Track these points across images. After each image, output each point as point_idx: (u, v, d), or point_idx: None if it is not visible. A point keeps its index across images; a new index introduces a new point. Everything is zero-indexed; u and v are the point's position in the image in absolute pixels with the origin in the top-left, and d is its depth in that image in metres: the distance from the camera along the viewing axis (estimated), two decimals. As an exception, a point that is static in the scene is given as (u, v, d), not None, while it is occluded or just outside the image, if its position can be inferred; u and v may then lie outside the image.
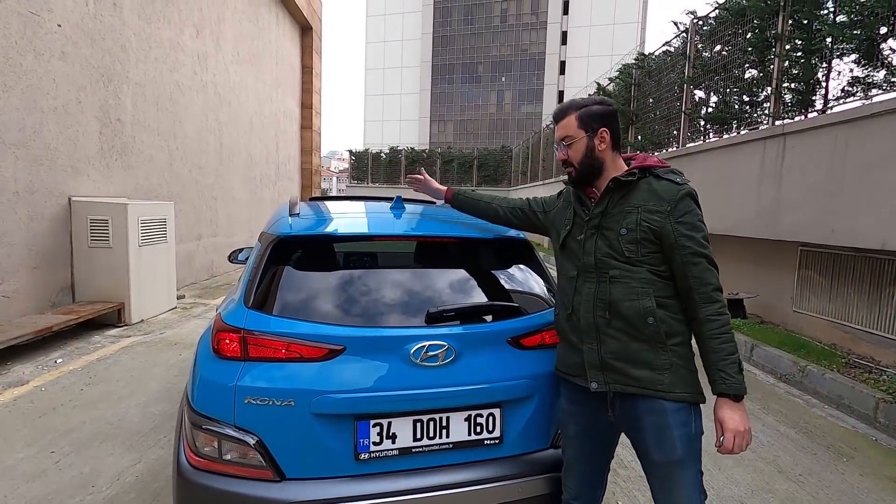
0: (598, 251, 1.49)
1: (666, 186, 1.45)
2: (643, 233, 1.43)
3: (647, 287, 1.42)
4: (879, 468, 3.02)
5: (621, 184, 1.48)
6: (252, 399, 1.53)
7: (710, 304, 1.38)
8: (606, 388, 1.47)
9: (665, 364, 1.41)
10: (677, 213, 1.41)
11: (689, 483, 1.43)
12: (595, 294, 1.48)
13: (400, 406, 1.60)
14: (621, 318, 1.44)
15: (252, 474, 1.53)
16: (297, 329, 1.59)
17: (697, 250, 1.40)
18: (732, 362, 1.35)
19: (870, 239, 4.19)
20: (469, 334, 1.70)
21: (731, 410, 1.36)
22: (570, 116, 1.54)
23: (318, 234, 1.84)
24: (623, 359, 1.45)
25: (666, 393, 1.41)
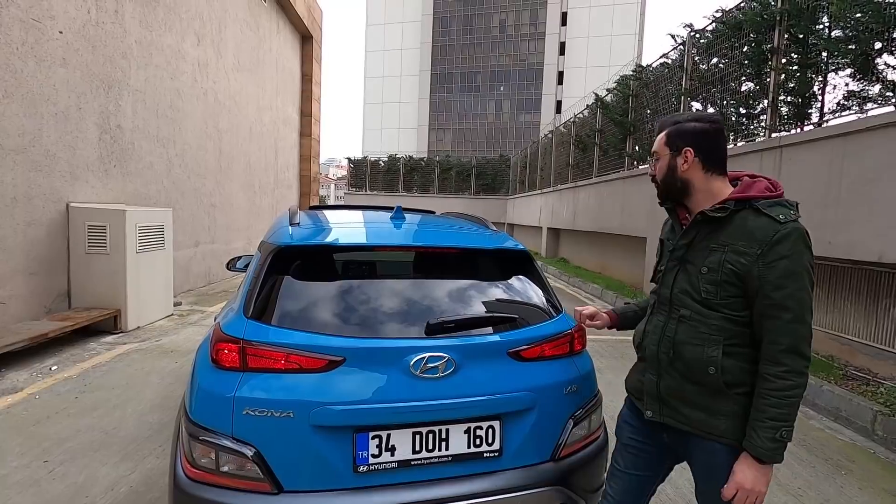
0: (677, 286, 1.42)
1: (762, 225, 1.27)
2: (725, 275, 1.31)
3: (717, 335, 1.33)
4: (878, 481, 3.01)
5: (709, 218, 1.35)
6: (250, 410, 1.52)
7: (774, 364, 1.27)
8: (660, 419, 1.45)
9: (724, 410, 1.34)
10: (769, 258, 1.25)
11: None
12: (663, 329, 1.44)
13: (399, 418, 1.59)
14: (683, 360, 1.37)
15: (249, 486, 1.52)
16: (296, 340, 1.59)
17: (780, 303, 1.25)
18: (769, 428, 1.25)
19: (866, 251, 4.22)
20: (469, 346, 1.69)
21: (748, 468, 1.28)
22: (663, 132, 1.46)
23: (319, 244, 1.84)
24: (679, 397, 1.40)
25: (719, 437, 1.35)
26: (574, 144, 13.27)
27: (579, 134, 13.08)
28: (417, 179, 26.45)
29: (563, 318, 1.97)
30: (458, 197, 25.13)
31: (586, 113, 12.80)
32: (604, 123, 11.23)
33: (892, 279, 4.41)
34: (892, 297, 4.40)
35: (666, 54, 8.52)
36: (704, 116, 1.42)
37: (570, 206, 13.36)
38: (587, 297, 9.61)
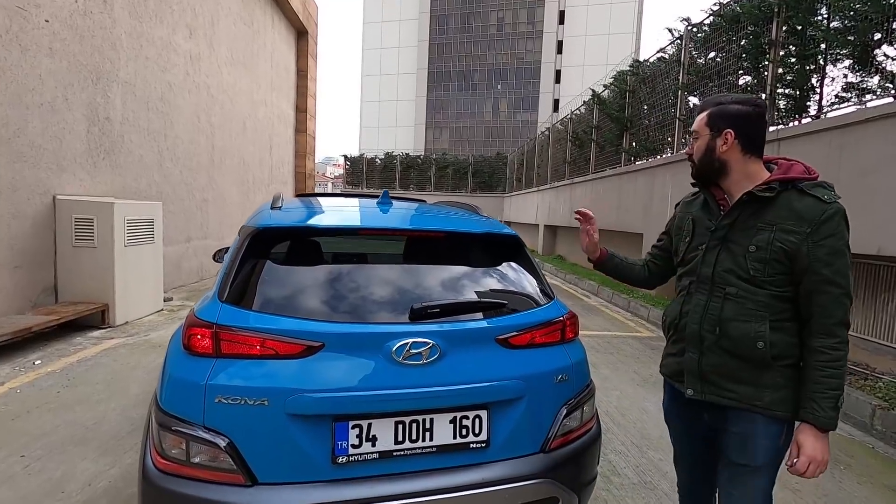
0: (720, 265, 1.44)
1: (810, 204, 1.33)
2: (774, 253, 1.35)
3: (764, 310, 1.37)
4: (878, 476, 2.95)
5: (756, 198, 1.38)
6: (223, 398, 1.44)
7: (829, 337, 1.32)
8: (702, 398, 1.47)
9: (769, 383, 1.38)
10: (818, 236, 1.30)
11: (760, 486, 1.42)
12: (706, 307, 1.45)
13: (381, 406, 1.51)
14: (729, 337, 1.40)
15: (222, 478, 1.43)
16: (273, 324, 1.51)
17: (831, 278, 1.31)
18: (830, 398, 1.31)
19: (865, 244, 4.15)
20: (455, 332, 1.62)
21: (815, 439, 1.33)
22: (705, 112, 1.48)
23: (299, 225, 1.76)
24: (723, 373, 1.43)
25: (764, 409, 1.39)
26: (571, 141, 13.21)
27: (576, 130, 13.01)
28: (414, 177, 26.38)
29: (554, 306, 1.89)
30: (455, 194, 25.05)
31: (583, 109, 12.74)
32: (600, 119, 11.17)
33: (890, 273, 4.35)
34: (890, 291, 4.34)
35: (663, 49, 8.46)
36: (749, 100, 1.45)
37: (566, 203, 13.30)
38: (583, 293, 9.55)
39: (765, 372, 1.38)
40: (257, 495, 1.42)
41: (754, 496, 1.42)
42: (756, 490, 1.42)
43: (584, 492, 1.81)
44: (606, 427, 3.46)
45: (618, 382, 4.37)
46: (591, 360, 5.04)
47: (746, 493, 1.43)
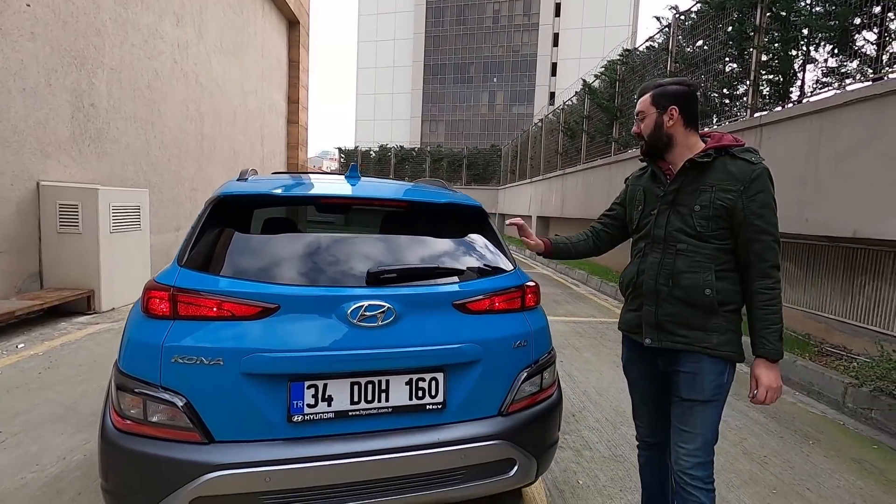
0: (670, 225, 1.61)
1: (741, 166, 1.53)
2: (716, 210, 1.53)
3: (710, 262, 1.55)
4: (845, 450, 3.01)
5: (696, 164, 1.57)
6: (179, 358, 1.47)
7: (766, 278, 1.52)
8: (659, 345, 1.63)
9: (715, 327, 1.56)
10: (750, 192, 1.50)
11: (708, 417, 1.59)
12: (660, 264, 1.62)
13: (336, 367, 1.54)
14: (681, 287, 1.57)
15: (179, 436, 1.47)
16: (229, 287, 1.54)
17: (764, 228, 1.50)
18: (775, 331, 1.51)
19: (841, 227, 4.20)
20: (411, 296, 1.64)
21: (768, 370, 1.53)
22: (647, 94, 1.66)
23: (258, 193, 1.78)
24: (677, 321, 1.59)
25: (711, 350, 1.56)
26: (563, 132, 13.22)
27: (567, 121, 13.02)
28: (408, 170, 26.32)
29: (515, 274, 1.92)
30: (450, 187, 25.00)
31: (575, 100, 12.73)
32: (591, 109, 11.17)
33: (867, 256, 4.40)
34: (867, 274, 4.39)
35: (652, 37, 8.46)
36: (683, 80, 1.65)
37: (558, 193, 13.33)
38: (573, 282, 9.60)
39: (712, 317, 1.56)
40: (213, 452, 1.46)
41: (703, 427, 1.59)
42: (705, 421, 1.59)
43: (543, 455, 1.85)
44: (583, 405, 3.51)
45: (598, 364, 4.42)
46: (575, 345, 5.11)
47: (696, 424, 1.59)
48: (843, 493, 2.53)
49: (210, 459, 1.44)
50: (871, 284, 4.33)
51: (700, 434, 1.59)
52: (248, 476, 1.44)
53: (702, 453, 1.59)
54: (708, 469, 1.59)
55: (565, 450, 2.84)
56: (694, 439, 1.59)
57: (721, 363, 1.58)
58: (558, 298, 7.74)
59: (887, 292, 4.18)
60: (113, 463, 1.50)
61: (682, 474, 1.59)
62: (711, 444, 1.61)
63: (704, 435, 1.59)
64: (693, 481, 1.57)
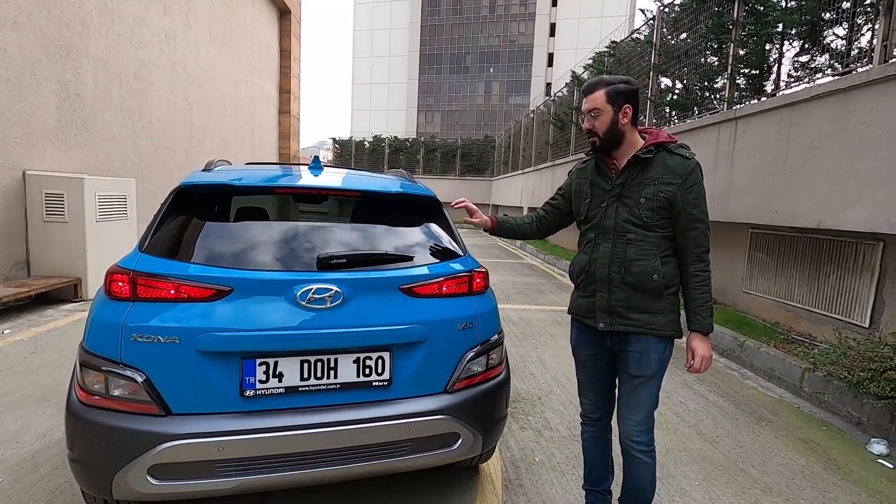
0: (619, 217, 1.74)
1: (678, 161, 1.70)
2: (659, 202, 1.68)
3: (655, 249, 1.71)
4: (794, 431, 3.16)
5: (640, 160, 1.71)
6: (138, 337, 1.57)
7: (700, 262, 1.72)
8: (611, 328, 1.78)
9: (660, 309, 1.73)
10: (687, 185, 1.68)
11: (652, 391, 1.79)
12: (612, 252, 1.76)
13: (286, 345, 1.65)
14: (632, 274, 1.71)
15: (138, 409, 1.58)
16: (185, 271, 1.64)
17: (699, 216, 1.70)
18: (707, 308, 1.72)
19: (806, 218, 4.33)
20: (358, 280, 1.76)
21: (701, 342, 1.74)
22: (600, 91, 1.73)
23: (218, 183, 1.88)
24: (628, 305, 1.74)
25: (658, 331, 1.73)
26: (553, 123, 13.28)
27: (558, 112, 13.08)
28: (403, 160, 26.32)
29: (464, 261, 2.04)
30: (443, 178, 25.07)
31: (565, 91, 12.78)
32: (579, 100, 11.23)
33: (831, 246, 4.53)
34: (832, 264, 4.52)
35: (637, 29, 8.51)
36: (627, 79, 1.75)
37: (548, 184, 13.42)
38: (559, 272, 9.73)
39: (657, 300, 1.73)
40: (170, 424, 1.57)
41: (648, 398, 1.78)
42: (650, 394, 1.79)
43: (489, 431, 1.97)
44: (550, 389, 3.64)
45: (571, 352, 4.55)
46: (552, 332, 5.24)
47: (643, 397, 1.78)
48: (785, 470, 2.67)
49: (167, 430, 1.56)
50: (836, 274, 4.46)
51: (644, 406, 1.79)
52: (202, 445, 1.56)
53: (646, 422, 1.80)
54: (650, 434, 1.81)
55: (527, 430, 2.97)
56: (639, 411, 1.79)
57: (665, 341, 1.77)
58: (542, 288, 7.87)
59: (849, 282, 4.31)
60: (78, 434, 1.61)
61: (630, 441, 1.80)
62: (653, 413, 1.81)
63: (648, 406, 1.80)
64: (639, 446, 1.79)
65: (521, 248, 13.86)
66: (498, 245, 15.12)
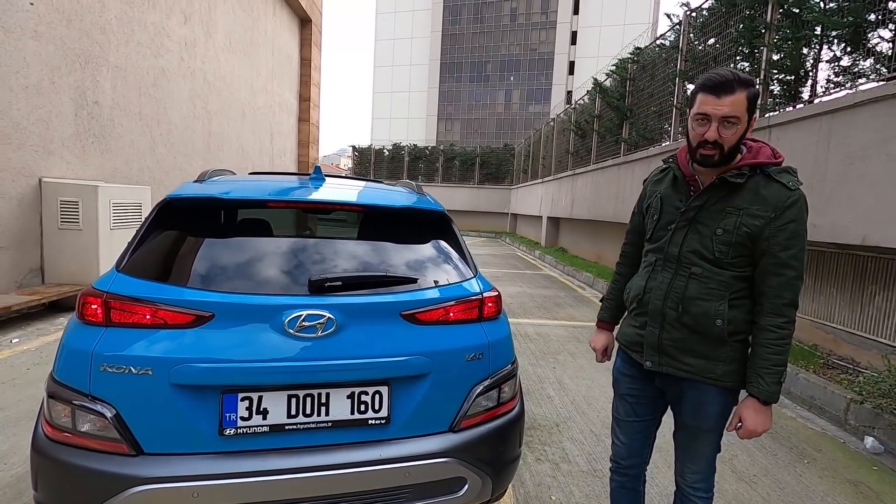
0: (686, 245, 1.48)
1: (776, 191, 1.37)
2: (740, 237, 1.39)
3: (724, 290, 1.43)
4: (841, 471, 2.85)
5: (728, 183, 1.40)
6: (108, 367, 1.42)
7: (778, 316, 1.39)
8: (659, 369, 1.55)
9: (722, 356, 1.47)
10: (781, 221, 1.36)
11: (713, 441, 1.57)
12: (670, 285, 1.50)
13: (271, 379, 1.48)
14: (691, 314, 1.46)
15: (107, 447, 1.42)
16: (162, 294, 1.48)
17: (786, 261, 1.37)
18: (774, 373, 1.40)
19: (849, 234, 4.01)
20: (354, 305, 1.57)
21: (756, 413, 1.43)
22: (741, 94, 1.32)
23: (206, 195, 1.72)
24: (681, 347, 1.50)
25: (715, 381, 1.48)
26: (573, 131, 13.02)
27: (578, 121, 12.82)
28: (422, 168, 26.28)
29: (473, 283, 1.84)
30: (462, 186, 24.93)
31: (586, 99, 12.53)
32: (602, 109, 10.97)
33: (877, 264, 4.20)
34: (877, 283, 4.19)
35: (663, 35, 8.24)
36: (750, 79, 1.37)
37: (568, 194, 13.14)
38: (578, 285, 9.43)
39: (720, 347, 1.46)
40: (141, 465, 1.40)
41: (708, 450, 1.58)
42: (710, 444, 1.57)
43: (499, 474, 1.76)
44: (569, 415, 3.40)
45: (592, 372, 4.30)
46: (571, 350, 4.99)
47: (701, 448, 1.57)
48: (834, 519, 2.39)
49: (137, 472, 1.39)
50: (882, 294, 4.12)
51: (704, 456, 1.59)
52: (175, 491, 1.39)
53: (706, 471, 1.60)
54: (710, 481, 1.62)
55: (543, 462, 2.74)
56: (699, 461, 1.59)
57: (726, 392, 1.51)
58: (560, 301, 7.60)
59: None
60: (42, 472, 1.46)
61: (688, 488, 1.61)
62: (714, 462, 1.61)
63: (708, 457, 1.59)
64: (697, 493, 1.60)
65: (540, 258, 13.56)
66: (515, 255, 14.85)
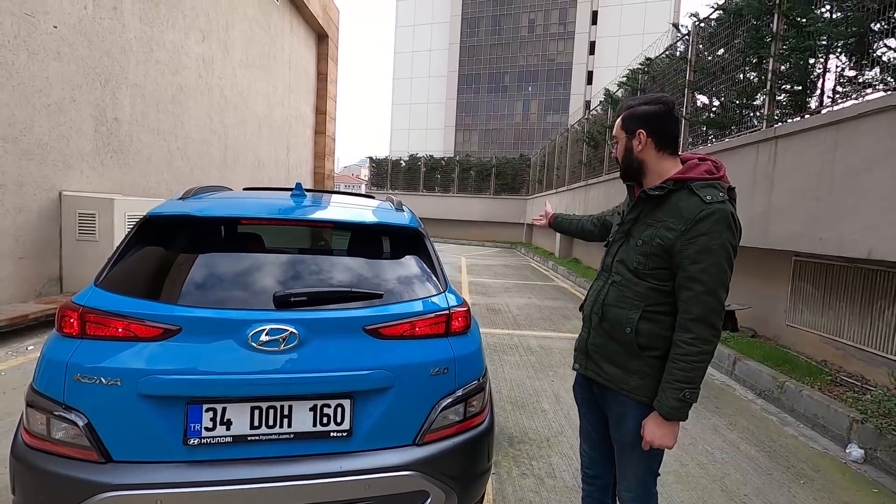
0: (617, 255, 1.59)
1: (692, 205, 1.40)
2: (654, 248, 1.45)
3: (639, 300, 1.48)
4: (838, 492, 2.76)
5: (650, 196, 1.49)
6: (81, 377, 1.49)
7: (684, 331, 1.41)
8: (584, 371, 1.65)
9: (635, 369, 1.50)
10: (691, 234, 1.38)
11: (636, 459, 1.56)
12: (599, 292, 1.62)
13: (234, 391, 1.53)
14: (608, 320, 1.55)
15: (78, 455, 1.49)
16: (133, 308, 1.55)
17: (694, 275, 1.38)
18: (676, 389, 1.39)
19: (856, 247, 3.91)
20: (317, 320, 1.62)
21: (656, 426, 1.45)
22: (619, 117, 1.60)
23: (180, 213, 1.80)
24: (601, 353, 1.59)
25: (629, 393, 1.52)
26: (586, 142, 12.98)
27: (591, 131, 12.78)
28: (438, 179, 26.44)
29: (442, 297, 1.87)
30: (478, 196, 24.99)
31: (599, 109, 12.49)
32: (614, 119, 10.92)
33: (885, 278, 4.07)
34: (887, 299, 4.06)
35: (672, 45, 8.20)
36: (655, 99, 1.53)
37: (581, 204, 13.06)
38: (589, 296, 9.33)
39: (633, 359, 1.50)
40: (109, 473, 1.47)
41: (634, 466, 1.57)
42: (635, 461, 1.56)
43: (466, 488, 1.77)
44: (561, 429, 3.38)
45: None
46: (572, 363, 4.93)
47: (628, 463, 1.58)
48: (824, 542, 2.32)
49: (105, 479, 1.45)
50: (891, 310, 4.00)
51: (632, 473, 1.58)
52: (140, 498, 1.44)
53: (638, 489, 1.58)
54: (646, 501, 1.59)
55: (528, 477, 2.73)
56: (628, 477, 1.60)
57: (643, 407, 1.51)
58: (567, 313, 7.54)
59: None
60: (20, 478, 1.53)
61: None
62: (646, 481, 1.58)
63: (637, 474, 1.58)
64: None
65: (553, 269, 13.48)
66: (529, 266, 14.79)
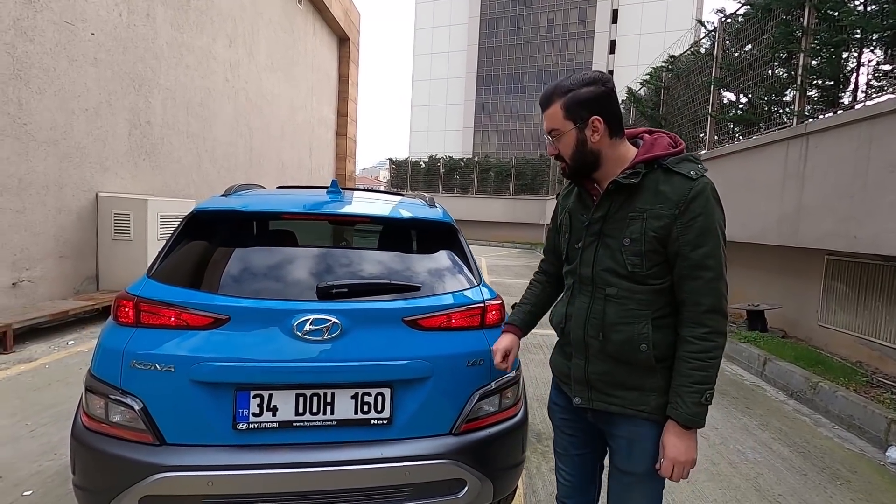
0: (598, 263, 1.31)
1: (677, 185, 1.22)
2: (648, 243, 1.23)
3: (645, 309, 1.26)
4: (876, 494, 2.71)
5: (623, 186, 1.26)
6: (137, 363, 1.57)
7: (698, 326, 1.22)
8: (589, 405, 1.37)
9: (654, 387, 1.29)
10: (687, 217, 1.20)
11: (647, 494, 1.36)
12: (588, 311, 1.33)
13: (281, 378, 1.59)
14: (613, 342, 1.29)
15: (134, 437, 1.56)
16: (185, 298, 1.63)
17: (699, 262, 1.20)
18: (695, 392, 1.21)
19: (892, 245, 3.81)
20: (359, 311, 1.67)
21: (677, 438, 1.24)
22: (556, 105, 1.29)
23: (226, 208, 1.88)
24: (608, 381, 1.33)
25: (649, 414, 1.29)
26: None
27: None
28: (457, 180, 26.50)
29: (476, 291, 1.90)
30: (497, 197, 24.96)
31: (622, 108, 12.38)
32: (636, 118, 10.81)
33: (925, 277, 3.97)
34: (926, 298, 3.95)
35: (697, 42, 8.09)
36: (595, 77, 1.27)
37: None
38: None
39: (650, 376, 1.29)
40: (163, 454, 1.54)
41: (642, 502, 1.36)
42: (647, 498, 1.36)
43: (501, 478, 1.80)
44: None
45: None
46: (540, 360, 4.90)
47: (634, 499, 1.36)
48: (863, 543, 2.28)
49: (159, 461, 1.52)
50: (930, 309, 3.89)
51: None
52: (192, 479, 1.51)
53: None
54: None
55: (557, 473, 2.74)
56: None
57: (660, 426, 1.29)
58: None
59: (948, 319, 3.74)
60: (80, 458, 1.62)
61: None
62: None
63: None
64: None
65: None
66: (550, 266, 14.70)
